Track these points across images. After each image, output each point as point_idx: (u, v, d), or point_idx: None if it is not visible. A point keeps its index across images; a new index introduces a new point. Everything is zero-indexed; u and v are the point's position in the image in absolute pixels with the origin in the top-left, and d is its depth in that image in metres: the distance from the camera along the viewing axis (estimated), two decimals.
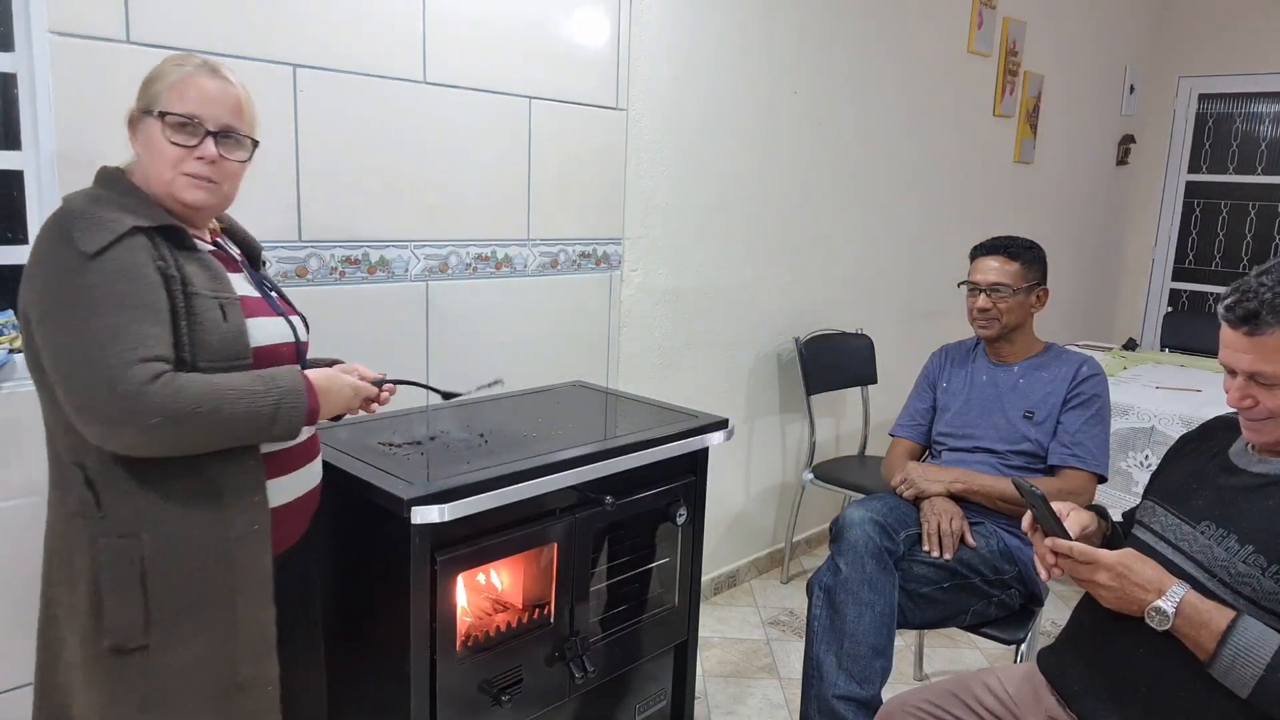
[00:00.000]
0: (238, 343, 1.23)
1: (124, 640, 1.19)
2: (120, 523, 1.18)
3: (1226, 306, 1.25)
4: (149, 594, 1.19)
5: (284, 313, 1.39)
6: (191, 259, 1.23)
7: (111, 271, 1.13)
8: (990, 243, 2.18)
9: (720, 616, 2.95)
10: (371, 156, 1.95)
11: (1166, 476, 1.48)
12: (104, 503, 1.18)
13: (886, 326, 3.58)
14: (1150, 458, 2.94)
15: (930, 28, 3.51)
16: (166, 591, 1.20)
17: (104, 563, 1.17)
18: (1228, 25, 5.14)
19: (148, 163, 1.25)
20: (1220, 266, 5.40)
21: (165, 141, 1.23)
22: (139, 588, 1.18)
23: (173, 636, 1.21)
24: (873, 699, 1.81)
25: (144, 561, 1.18)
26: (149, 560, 1.18)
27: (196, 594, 1.22)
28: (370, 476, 1.55)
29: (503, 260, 2.25)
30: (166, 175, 1.24)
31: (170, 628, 1.20)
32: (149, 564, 1.18)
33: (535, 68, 2.22)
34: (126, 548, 1.18)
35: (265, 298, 1.38)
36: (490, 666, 1.66)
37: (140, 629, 1.19)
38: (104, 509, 1.18)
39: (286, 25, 1.78)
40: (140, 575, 1.18)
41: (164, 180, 1.24)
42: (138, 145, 1.26)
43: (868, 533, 1.90)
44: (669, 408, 2.16)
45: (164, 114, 1.23)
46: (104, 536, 1.18)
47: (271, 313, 1.36)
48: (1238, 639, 1.18)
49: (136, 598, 1.18)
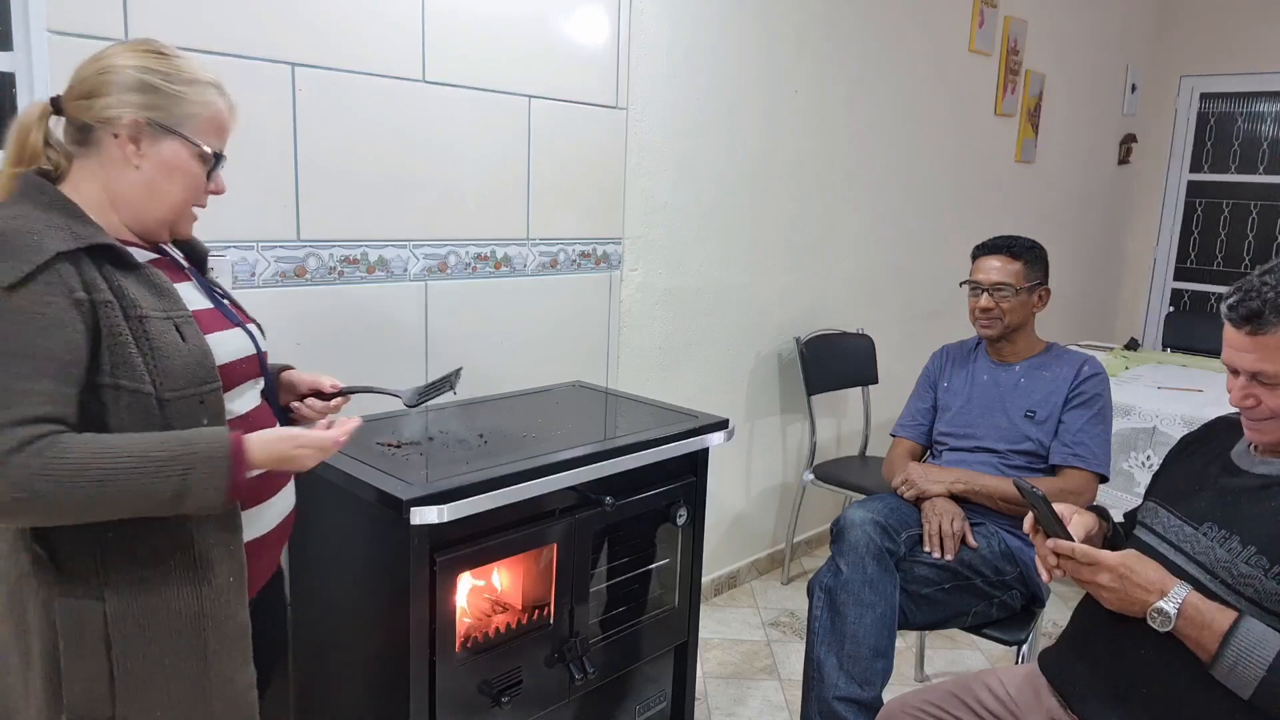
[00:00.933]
0: (203, 365, 1.10)
1: (87, 713, 1.06)
2: (79, 582, 1.05)
3: (1229, 306, 1.25)
4: (114, 660, 1.06)
5: (240, 321, 1.26)
6: (132, 277, 1.08)
7: (19, 309, 0.98)
8: (992, 242, 2.17)
9: (721, 618, 2.95)
10: (370, 155, 1.95)
11: (1168, 477, 1.48)
12: (60, 560, 1.05)
13: (887, 326, 3.57)
14: (1152, 458, 2.94)
15: (931, 27, 3.51)
16: (134, 656, 1.07)
17: (63, 627, 1.04)
18: (1229, 24, 5.13)
19: (152, 187, 1.13)
20: (1222, 266, 5.39)
21: (198, 178, 1.15)
22: (103, 654, 1.05)
23: (139, 706, 1.08)
24: (874, 700, 1.81)
25: (108, 624, 1.05)
26: (113, 622, 1.06)
27: (165, 658, 1.09)
28: (369, 477, 1.55)
29: (502, 260, 2.24)
30: (179, 207, 1.16)
31: (137, 697, 1.08)
32: (113, 626, 1.06)
33: (535, 66, 2.21)
34: (87, 609, 1.05)
35: (218, 307, 1.24)
36: (490, 667, 1.65)
37: (106, 700, 1.06)
38: (60, 567, 1.05)
39: (286, 24, 1.78)
40: (104, 639, 1.05)
41: (174, 210, 1.16)
42: (140, 159, 1.12)
43: (869, 533, 1.90)
44: (669, 408, 2.15)
45: (218, 155, 1.16)
46: (61, 598, 1.05)
47: (228, 324, 1.23)
48: (1240, 640, 1.18)
49: (100, 665, 1.05)
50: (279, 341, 1.84)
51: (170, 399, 1.07)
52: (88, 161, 1.12)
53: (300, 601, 1.85)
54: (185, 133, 1.14)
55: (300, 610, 1.85)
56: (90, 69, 1.12)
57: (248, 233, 1.78)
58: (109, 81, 1.11)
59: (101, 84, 1.11)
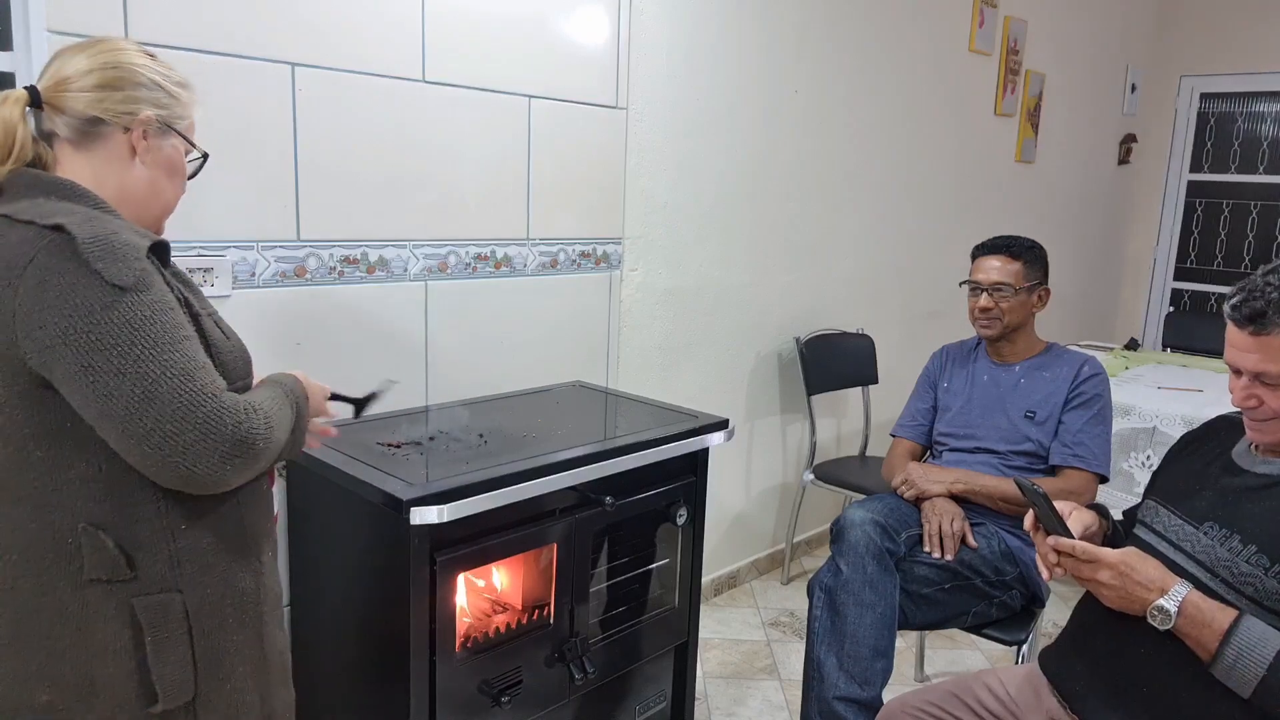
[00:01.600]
0: (244, 357, 1.17)
1: (177, 698, 1.10)
2: (156, 581, 1.08)
3: (1233, 306, 1.25)
4: (195, 644, 1.11)
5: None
6: (174, 275, 1.13)
7: (155, 303, 1.01)
8: (991, 242, 2.17)
9: (721, 617, 2.95)
10: (370, 155, 1.95)
11: (1168, 476, 1.48)
12: (136, 562, 1.07)
13: (887, 326, 3.57)
14: (1152, 458, 2.94)
15: (931, 27, 3.51)
16: (210, 637, 1.12)
17: (148, 623, 1.07)
18: (1229, 24, 5.13)
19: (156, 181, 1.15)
20: (1222, 266, 5.39)
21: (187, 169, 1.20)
22: (186, 640, 1.10)
23: (215, 683, 1.14)
24: (874, 700, 1.81)
25: (188, 613, 1.10)
26: (192, 610, 1.11)
27: (236, 634, 1.15)
28: (369, 477, 1.55)
29: (502, 260, 2.24)
30: (172, 202, 1.20)
31: (214, 674, 1.13)
32: (193, 615, 1.11)
33: (535, 66, 2.21)
34: (168, 603, 1.09)
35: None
36: (490, 667, 1.65)
37: (190, 682, 1.11)
38: (136, 568, 1.07)
39: (286, 24, 1.78)
40: (186, 627, 1.10)
41: (168, 205, 1.19)
42: (147, 155, 1.14)
43: (868, 533, 1.89)
44: (669, 408, 2.15)
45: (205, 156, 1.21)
46: (138, 597, 1.07)
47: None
48: (1240, 638, 1.18)
49: (184, 651, 1.10)
50: (279, 342, 1.84)
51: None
52: (86, 155, 1.11)
53: (300, 601, 1.85)
54: (181, 131, 1.17)
55: (300, 610, 1.85)
56: (97, 62, 1.10)
57: (248, 233, 1.78)
58: (125, 77, 1.11)
59: (120, 77, 1.10)
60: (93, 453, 1.03)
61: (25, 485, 1.04)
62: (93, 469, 1.04)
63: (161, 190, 1.17)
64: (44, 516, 1.05)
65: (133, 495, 1.06)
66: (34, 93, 1.10)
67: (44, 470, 1.04)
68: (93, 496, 1.04)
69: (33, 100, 1.09)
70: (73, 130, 1.10)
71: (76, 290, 0.97)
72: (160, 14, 1.62)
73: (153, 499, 1.07)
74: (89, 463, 1.04)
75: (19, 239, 1.00)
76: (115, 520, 1.06)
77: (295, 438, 1.15)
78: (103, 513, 1.05)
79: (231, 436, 1.01)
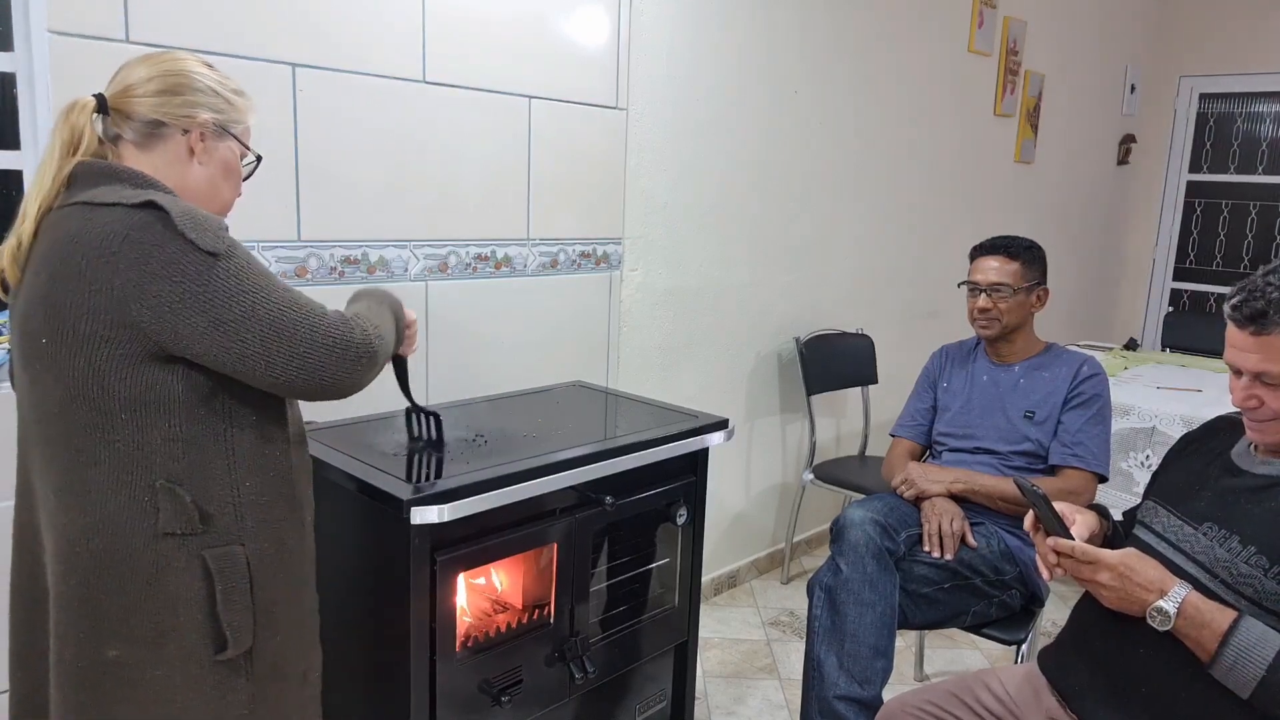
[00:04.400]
0: None
1: (238, 645, 1.18)
2: (224, 534, 1.17)
3: (1233, 306, 1.25)
4: (255, 596, 1.19)
5: None
6: None
7: (246, 258, 1.13)
8: (990, 242, 2.17)
9: (720, 617, 2.95)
10: (371, 156, 1.95)
11: (1168, 477, 1.48)
12: (207, 515, 1.16)
13: (887, 326, 3.57)
14: (1151, 458, 2.94)
15: (930, 27, 3.51)
16: (267, 589, 1.21)
17: (218, 572, 1.16)
18: (1228, 25, 5.13)
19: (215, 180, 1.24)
20: (1221, 266, 5.39)
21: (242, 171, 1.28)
22: (247, 591, 1.18)
23: (266, 634, 1.22)
24: (873, 699, 1.81)
25: (249, 565, 1.18)
26: (254, 562, 1.19)
27: (287, 587, 1.24)
28: (369, 476, 1.55)
29: (502, 260, 2.25)
30: (228, 203, 1.28)
31: (267, 625, 1.21)
32: (254, 567, 1.19)
33: (535, 67, 2.21)
34: (234, 555, 1.17)
35: None
36: (490, 667, 1.65)
37: (249, 631, 1.19)
38: (207, 522, 1.16)
39: (286, 25, 1.78)
40: (249, 579, 1.18)
41: (225, 205, 1.27)
42: (206, 156, 1.22)
43: (868, 533, 1.90)
44: (669, 408, 2.15)
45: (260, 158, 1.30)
46: (209, 549, 1.16)
47: None
48: (1239, 639, 1.18)
49: (246, 600, 1.18)
50: None
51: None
52: (149, 156, 1.19)
53: None
54: (237, 135, 1.25)
55: None
56: (158, 70, 1.19)
57: (248, 233, 1.78)
58: (184, 84, 1.20)
59: (179, 84, 1.19)
60: (175, 414, 1.12)
61: (108, 448, 1.11)
62: (174, 429, 1.12)
63: (218, 189, 1.25)
64: (122, 476, 1.12)
65: (206, 453, 1.15)
66: (101, 99, 1.18)
67: (130, 432, 1.11)
68: (172, 455, 1.13)
69: (100, 106, 1.18)
70: (137, 133, 1.18)
71: (180, 259, 1.07)
72: (160, 14, 1.62)
73: (223, 455, 1.16)
74: (170, 423, 1.12)
75: (109, 219, 1.08)
76: (191, 476, 1.14)
77: (398, 336, 1.36)
78: (180, 470, 1.13)
79: (351, 345, 1.17)
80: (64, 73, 1.54)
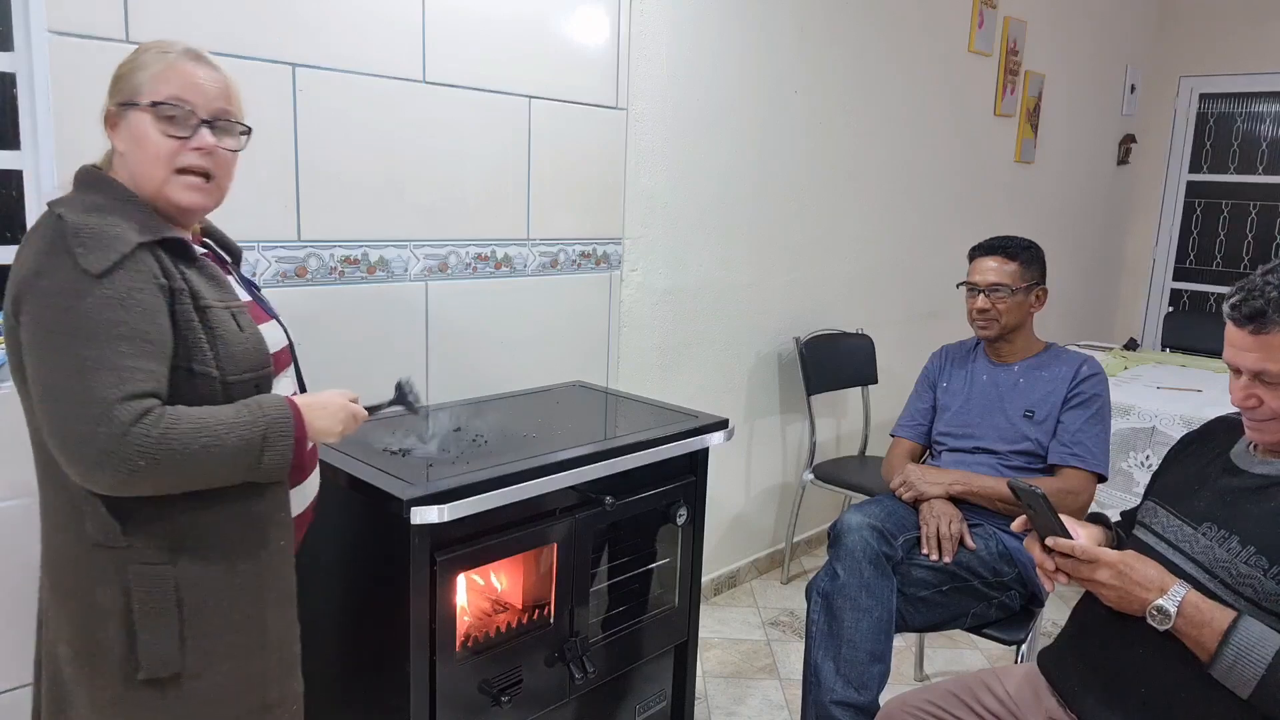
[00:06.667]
0: (259, 350, 1.20)
1: (159, 670, 1.13)
2: (151, 551, 1.13)
3: (1232, 305, 1.25)
4: (184, 619, 1.14)
5: (275, 314, 1.35)
6: (195, 269, 1.17)
7: (111, 297, 1.05)
8: (988, 243, 2.17)
9: (720, 617, 2.95)
10: (371, 156, 1.95)
11: (1168, 477, 1.48)
12: (129, 530, 1.12)
13: (887, 326, 3.57)
14: (1151, 458, 2.94)
15: (931, 27, 3.51)
16: (200, 614, 1.15)
17: (137, 592, 1.12)
18: (1228, 25, 5.13)
19: (136, 161, 1.16)
20: (1221, 266, 5.39)
21: (158, 134, 1.14)
22: (175, 614, 1.14)
23: (204, 661, 1.17)
24: (870, 705, 1.81)
25: (178, 588, 1.13)
26: (183, 586, 1.14)
27: (229, 616, 1.18)
28: (370, 477, 1.55)
29: (502, 260, 2.25)
30: (159, 174, 1.16)
31: (202, 652, 1.16)
32: (184, 590, 1.14)
33: (535, 67, 2.21)
34: (159, 574, 1.13)
35: (256, 300, 1.32)
36: (490, 667, 1.65)
37: (176, 655, 1.14)
38: (130, 537, 1.12)
39: (286, 24, 1.78)
40: (176, 602, 1.13)
41: (156, 180, 1.16)
42: (121, 143, 1.17)
43: (865, 538, 1.90)
44: (669, 408, 2.15)
45: (155, 104, 1.14)
46: (133, 565, 1.12)
47: (266, 316, 1.31)
48: (1239, 639, 1.18)
49: (172, 624, 1.14)
50: None
51: (233, 382, 1.16)
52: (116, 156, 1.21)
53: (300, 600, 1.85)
54: (138, 100, 1.16)
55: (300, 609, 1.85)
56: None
57: (248, 232, 1.78)
58: (114, 76, 1.20)
59: (112, 80, 1.20)
60: None
61: (46, 454, 1.12)
62: None
63: (139, 164, 1.17)
64: (59, 483, 1.13)
65: None
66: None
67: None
68: None
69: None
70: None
71: (55, 272, 1.06)
72: (160, 14, 1.62)
73: None
74: None
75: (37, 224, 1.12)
76: None
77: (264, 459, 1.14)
78: None
79: (100, 444, 1.03)
80: (64, 73, 1.54)
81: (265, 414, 1.15)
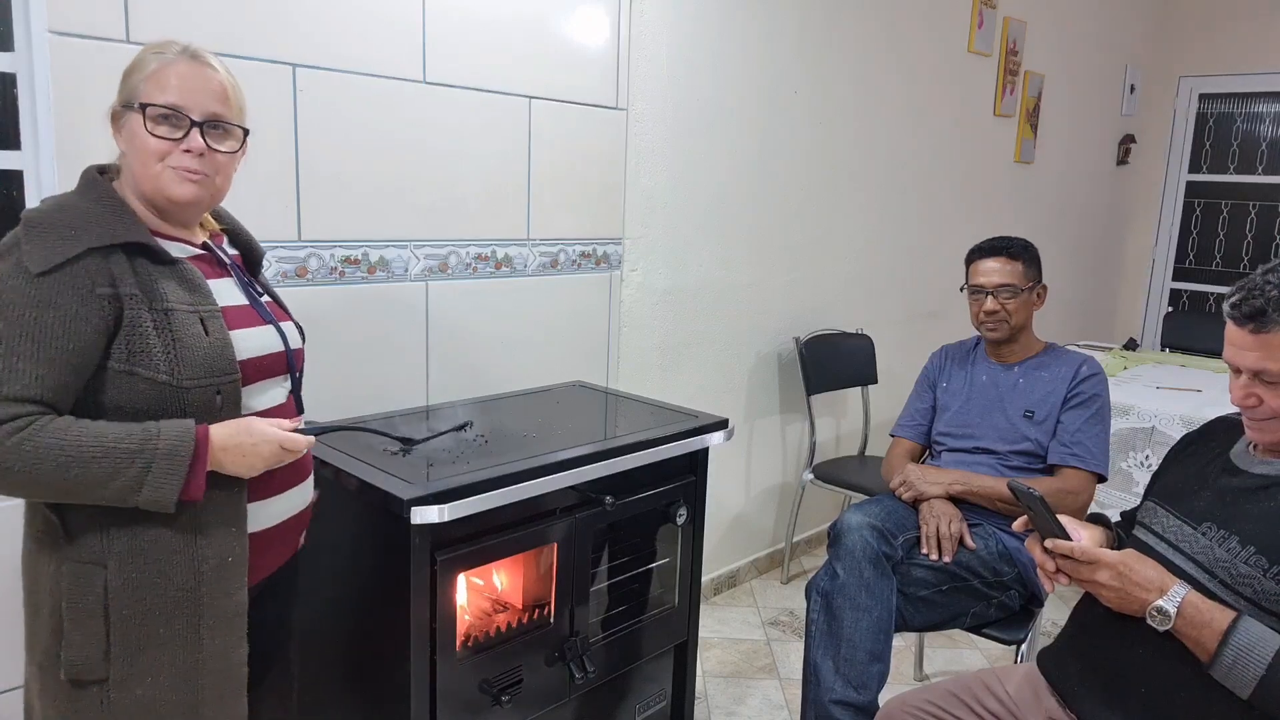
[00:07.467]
0: (222, 357, 1.17)
1: (82, 672, 1.13)
2: (86, 549, 1.12)
3: (1232, 304, 1.25)
4: (111, 625, 1.12)
5: (274, 320, 1.32)
6: (166, 272, 1.16)
7: (39, 298, 1.06)
8: (989, 245, 2.17)
9: (720, 617, 2.95)
10: (371, 156, 1.95)
11: (1167, 477, 1.48)
12: (69, 528, 1.12)
13: (887, 326, 3.58)
14: (1150, 458, 2.94)
15: (930, 27, 3.51)
16: (129, 623, 1.13)
17: (67, 590, 1.11)
18: (1228, 25, 5.14)
19: (132, 159, 1.18)
20: (1221, 266, 5.40)
21: (148, 135, 1.16)
22: (101, 618, 1.12)
23: (132, 671, 1.14)
24: (869, 704, 1.81)
25: (107, 591, 1.12)
26: (112, 590, 1.12)
27: (160, 628, 1.15)
28: (370, 476, 1.55)
29: (502, 260, 2.25)
30: (153, 170, 1.17)
31: (130, 662, 1.14)
32: (112, 594, 1.12)
33: (535, 67, 2.21)
34: (89, 575, 1.12)
35: (254, 305, 1.30)
36: (490, 666, 1.66)
37: (100, 661, 1.13)
38: (69, 534, 1.12)
39: (286, 25, 1.78)
40: (103, 605, 1.12)
41: (150, 176, 1.17)
42: (121, 142, 1.20)
43: (865, 538, 1.90)
44: (669, 408, 2.15)
45: (145, 106, 1.15)
46: (68, 562, 1.12)
47: (259, 321, 1.29)
48: (1239, 639, 1.18)
49: (98, 628, 1.12)
50: None
51: (189, 387, 1.14)
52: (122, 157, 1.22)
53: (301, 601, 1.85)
54: (134, 102, 1.18)
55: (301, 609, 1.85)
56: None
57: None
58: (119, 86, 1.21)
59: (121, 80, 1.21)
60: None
61: None
62: None
63: (136, 165, 1.18)
64: None
65: None
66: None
67: None
68: None
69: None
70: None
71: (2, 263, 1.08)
72: (160, 14, 1.62)
73: None
74: None
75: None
76: None
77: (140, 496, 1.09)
78: None
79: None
80: (64, 73, 1.54)
81: (156, 446, 1.09)
